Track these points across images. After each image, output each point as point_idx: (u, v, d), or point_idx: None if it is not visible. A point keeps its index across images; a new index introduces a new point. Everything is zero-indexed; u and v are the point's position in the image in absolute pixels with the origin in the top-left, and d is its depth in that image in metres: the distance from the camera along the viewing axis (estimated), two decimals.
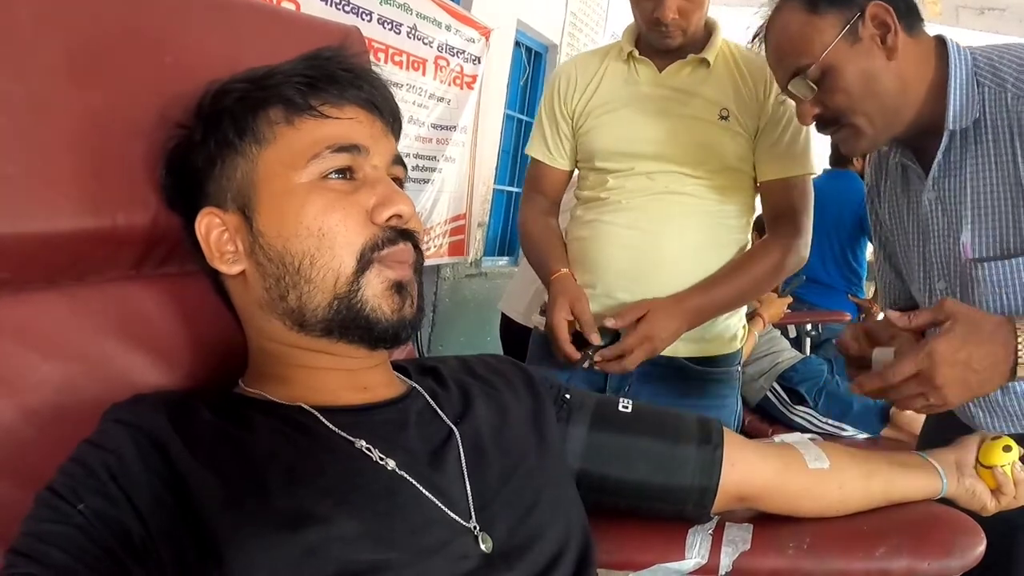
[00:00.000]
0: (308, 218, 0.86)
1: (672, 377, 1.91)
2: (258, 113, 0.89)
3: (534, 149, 2.03)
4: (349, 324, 0.87)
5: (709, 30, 1.87)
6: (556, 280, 1.85)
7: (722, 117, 1.82)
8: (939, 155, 1.31)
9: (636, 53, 1.87)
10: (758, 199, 1.94)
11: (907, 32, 1.29)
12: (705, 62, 1.84)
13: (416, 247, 0.92)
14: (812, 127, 1.43)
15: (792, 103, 1.51)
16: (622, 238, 1.85)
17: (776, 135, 1.83)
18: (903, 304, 1.61)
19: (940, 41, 1.33)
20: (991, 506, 1.17)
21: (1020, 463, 1.16)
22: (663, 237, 1.83)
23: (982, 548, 1.06)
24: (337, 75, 0.91)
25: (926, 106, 1.30)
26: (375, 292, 0.87)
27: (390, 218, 0.88)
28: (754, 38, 1.49)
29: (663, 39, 1.79)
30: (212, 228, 0.90)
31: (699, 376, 1.93)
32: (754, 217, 1.97)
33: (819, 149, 1.87)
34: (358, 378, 0.93)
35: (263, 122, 0.89)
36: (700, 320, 1.83)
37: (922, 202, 1.39)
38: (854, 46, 1.29)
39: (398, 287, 0.89)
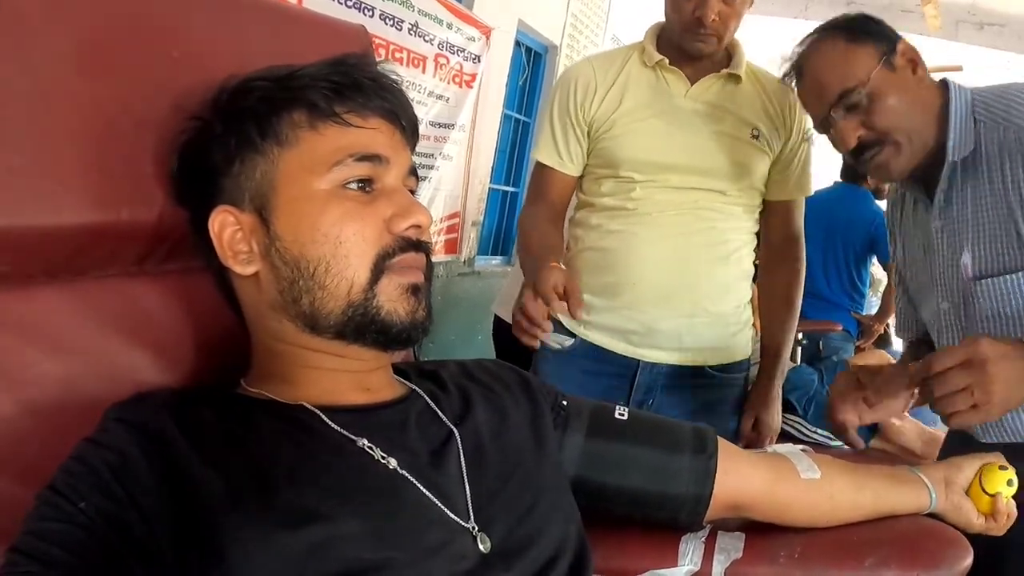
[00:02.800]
0: (326, 225, 0.86)
1: (696, 386, 1.94)
2: (281, 115, 0.89)
3: (543, 154, 1.96)
4: (364, 328, 0.88)
5: (731, 47, 1.88)
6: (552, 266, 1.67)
7: (754, 136, 1.84)
8: (941, 185, 1.43)
9: (666, 62, 1.85)
10: None
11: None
12: (735, 78, 1.85)
13: (427, 255, 0.93)
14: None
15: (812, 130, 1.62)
16: (655, 253, 1.85)
17: (797, 158, 1.88)
18: (914, 334, 1.75)
19: (943, 83, 1.46)
20: (978, 525, 1.18)
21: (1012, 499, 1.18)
22: (695, 252, 1.85)
23: (969, 560, 1.07)
24: (362, 83, 0.91)
25: (936, 137, 1.42)
26: (390, 297, 0.88)
27: (408, 228, 0.89)
28: (784, 76, 1.57)
29: (698, 42, 1.79)
30: (226, 227, 0.89)
31: (722, 383, 1.97)
32: None
33: (827, 161, 1.92)
34: (362, 380, 0.94)
35: (286, 124, 0.88)
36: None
37: (929, 230, 1.49)
38: (891, 74, 1.42)
39: (414, 289, 0.90)
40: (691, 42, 1.80)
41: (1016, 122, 1.35)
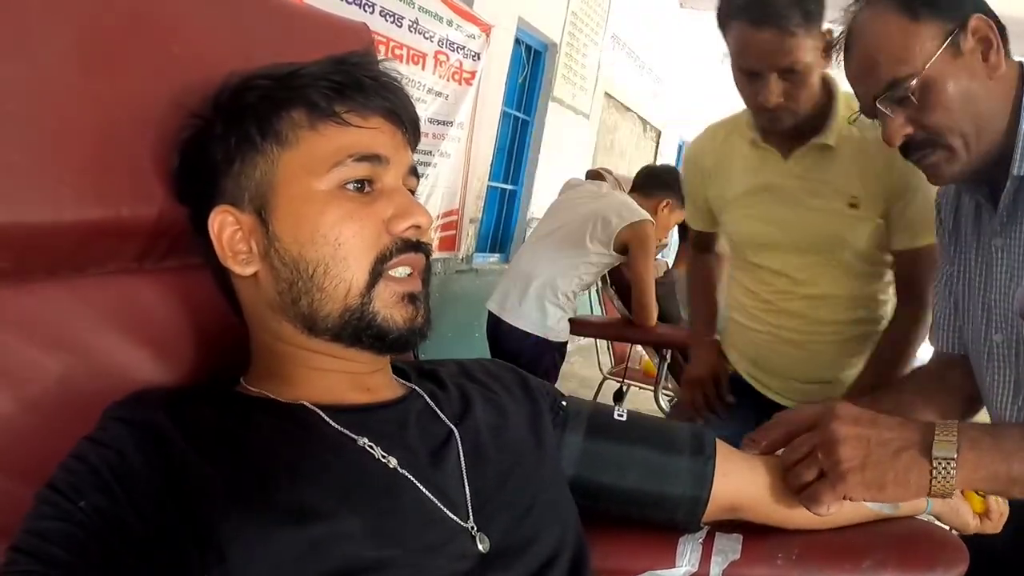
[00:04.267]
0: (325, 227, 0.86)
1: None
2: (281, 114, 0.88)
3: (692, 221, 2.24)
4: (361, 332, 0.88)
5: (828, 96, 1.78)
6: (711, 345, 2.20)
7: (851, 206, 1.80)
8: (1004, 198, 1.21)
9: (759, 140, 1.85)
10: None
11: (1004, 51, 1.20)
12: (828, 146, 1.80)
13: (427, 256, 0.93)
14: None
15: (918, 173, 1.33)
16: (784, 352, 1.99)
17: (905, 203, 1.78)
18: (951, 347, 1.50)
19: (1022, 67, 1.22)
20: (973, 525, 1.19)
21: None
22: (821, 343, 1.95)
23: (965, 564, 1.07)
24: (364, 82, 0.90)
25: (1008, 138, 1.19)
26: (386, 303, 0.87)
27: (407, 229, 0.88)
28: (834, 47, 1.37)
29: (772, 124, 1.76)
30: (226, 227, 0.89)
31: None
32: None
33: None
34: (361, 380, 0.94)
35: (286, 124, 0.88)
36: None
37: (990, 246, 1.29)
38: (956, 60, 1.18)
39: (411, 297, 0.89)
40: (765, 124, 1.80)
41: None
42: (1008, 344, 1.29)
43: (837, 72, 1.42)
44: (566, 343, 3.44)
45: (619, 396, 4.55)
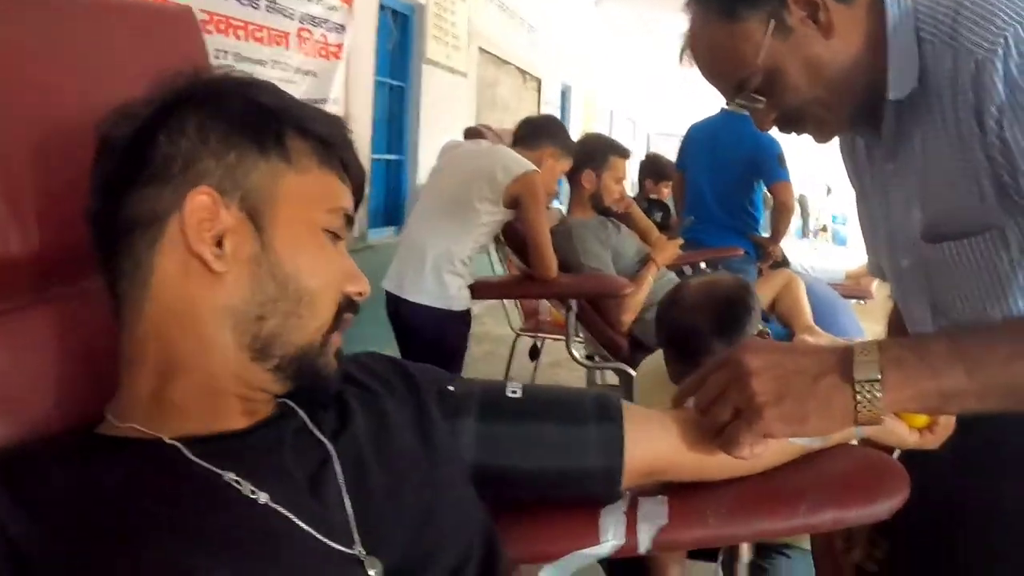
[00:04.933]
0: (322, 262, 0.87)
1: None
2: (295, 135, 0.87)
3: None
4: (303, 370, 0.86)
5: None
6: None
7: None
8: (886, 123, 1.19)
9: None
10: None
11: None
12: None
13: None
14: None
15: None
16: None
17: None
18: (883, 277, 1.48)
19: None
20: (912, 441, 1.14)
21: None
22: None
23: (907, 489, 1.03)
24: (348, 143, 0.93)
25: (875, 71, 1.14)
26: (329, 351, 0.89)
27: (358, 293, 0.91)
28: (682, 56, 1.32)
29: None
30: (204, 210, 0.81)
31: None
32: None
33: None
34: (253, 406, 0.88)
35: (299, 148, 0.87)
36: None
37: (884, 172, 1.27)
38: (788, 40, 1.14)
39: (338, 352, 0.91)
40: None
41: (967, 43, 1.04)
42: (916, 268, 1.26)
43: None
44: (470, 310, 3.37)
45: (534, 352, 4.52)
